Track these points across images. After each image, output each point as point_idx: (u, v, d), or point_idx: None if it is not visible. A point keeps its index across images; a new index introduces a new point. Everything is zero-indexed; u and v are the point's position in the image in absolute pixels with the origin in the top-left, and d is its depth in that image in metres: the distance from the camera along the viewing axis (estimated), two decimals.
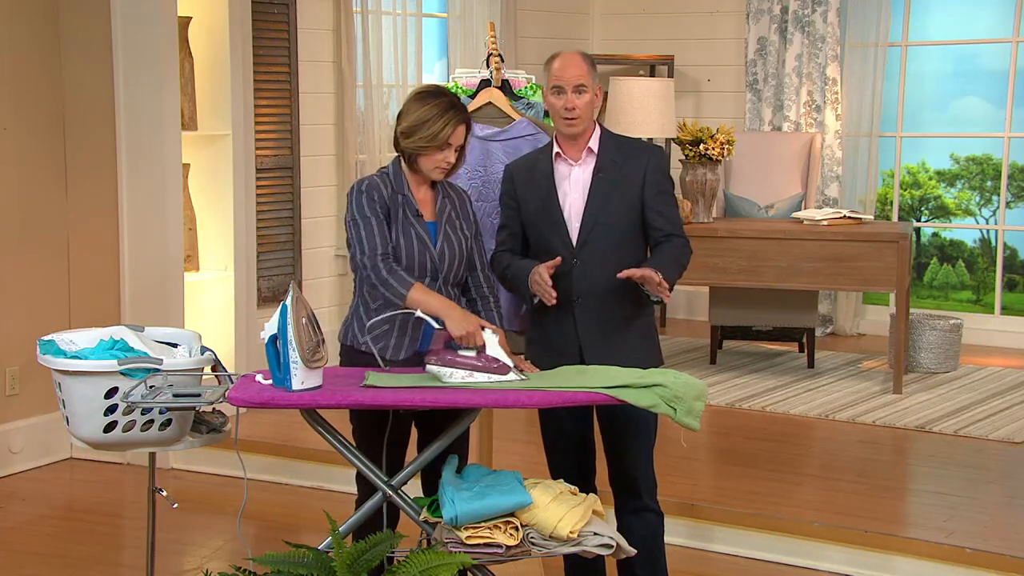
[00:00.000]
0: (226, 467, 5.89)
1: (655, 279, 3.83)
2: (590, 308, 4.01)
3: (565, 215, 4.03)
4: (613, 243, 4.00)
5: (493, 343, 3.71)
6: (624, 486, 4.09)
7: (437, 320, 3.74)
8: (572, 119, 3.97)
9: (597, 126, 4.09)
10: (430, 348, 3.72)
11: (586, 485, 4.04)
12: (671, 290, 3.93)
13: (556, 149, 4.08)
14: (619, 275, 3.88)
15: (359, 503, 4.02)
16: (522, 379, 3.71)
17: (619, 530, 4.06)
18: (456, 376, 3.66)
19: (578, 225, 4.01)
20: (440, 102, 3.85)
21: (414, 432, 4.05)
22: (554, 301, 3.94)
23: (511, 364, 3.70)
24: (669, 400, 3.64)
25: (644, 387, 3.65)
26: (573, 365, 3.94)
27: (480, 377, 3.66)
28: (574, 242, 4.01)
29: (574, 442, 4.15)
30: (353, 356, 3.95)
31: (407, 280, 3.80)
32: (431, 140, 3.82)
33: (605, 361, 3.92)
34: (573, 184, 4.05)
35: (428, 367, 3.68)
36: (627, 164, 4.03)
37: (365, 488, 3.98)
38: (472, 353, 3.69)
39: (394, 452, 3.93)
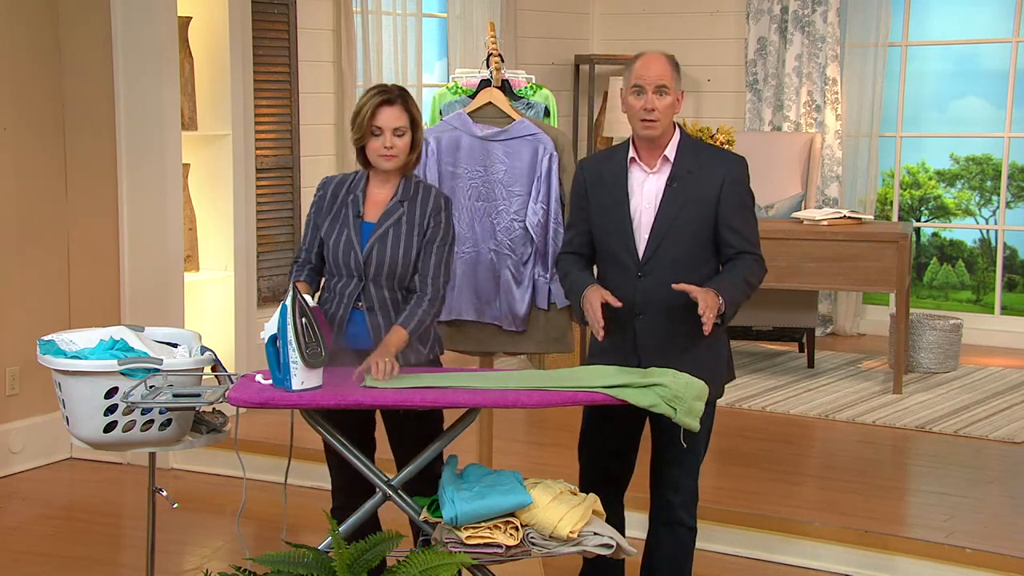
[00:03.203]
0: (226, 467, 5.89)
1: (706, 307, 3.67)
2: (652, 323, 3.85)
3: (634, 225, 3.86)
4: (681, 257, 3.83)
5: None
6: (663, 497, 3.99)
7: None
8: (650, 121, 3.80)
9: (677, 131, 3.91)
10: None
11: (617, 493, 4.02)
12: (733, 312, 3.79)
13: (631, 153, 3.90)
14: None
15: (333, 495, 4.05)
16: None
17: (648, 541, 4.04)
18: None
19: (646, 236, 3.85)
20: (371, 91, 3.88)
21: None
22: (602, 335, 3.82)
23: None
24: (669, 400, 3.63)
25: (644, 387, 3.64)
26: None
27: None
28: (640, 254, 3.86)
29: (614, 448, 4.02)
30: None
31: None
32: (360, 127, 3.84)
33: None
34: (646, 193, 3.87)
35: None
36: (703, 175, 3.85)
37: (338, 480, 4.02)
38: None
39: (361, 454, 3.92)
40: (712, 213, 3.85)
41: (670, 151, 3.88)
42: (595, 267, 4.05)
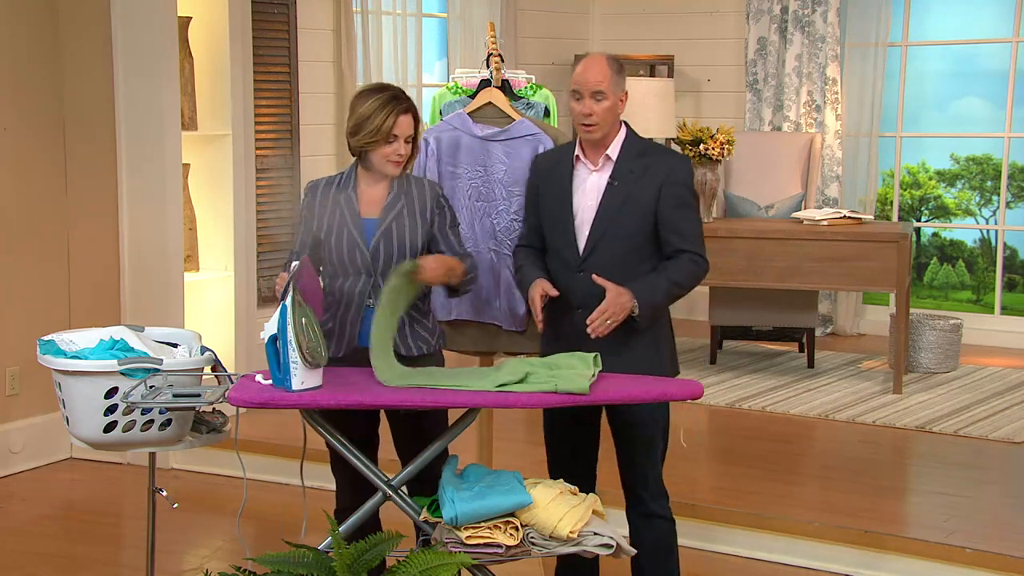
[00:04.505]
0: (226, 467, 5.89)
1: (602, 311, 3.78)
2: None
3: (576, 223, 3.96)
4: (621, 256, 3.91)
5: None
6: (632, 491, 4.05)
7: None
8: (589, 126, 3.89)
9: (623, 130, 3.99)
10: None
11: (585, 486, 4.04)
12: (650, 313, 3.85)
13: (577, 151, 4.00)
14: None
15: (338, 496, 4.08)
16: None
17: (630, 535, 4.05)
18: None
19: (587, 233, 3.94)
20: (381, 96, 3.85)
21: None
22: (542, 328, 3.93)
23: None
24: (544, 380, 3.63)
25: (519, 382, 3.64)
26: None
27: None
28: (580, 250, 3.94)
29: (572, 440, 4.12)
30: None
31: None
32: (376, 134, 3.83)
33: (610, 371, 3.85)
34: (588, 192, 3.96)
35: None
36: (645, 175, 3.92)
37: (342, 479, 4.04)
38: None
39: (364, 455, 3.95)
40: (651, 212, 3.92)
41: (613, 150, 3.96)
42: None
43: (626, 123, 4.02)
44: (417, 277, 3.79)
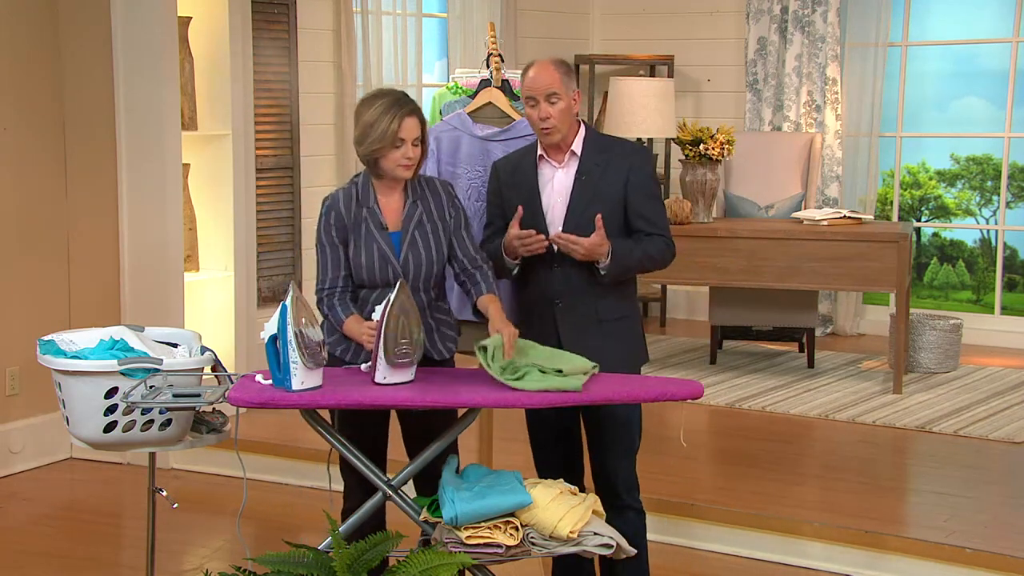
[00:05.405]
0: (226, 467, 5.89)
1: (581, 244, 3.88)
2: (570, 311, 4.02)
3: (547, 219, 4.03)
4: None
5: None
6: (604, 483, 4.09)
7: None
8: (547, 129, 3.97)
9: (582, 127, 4.08)
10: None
11: (571, 481, 4.05)
12: (617, 270, 3.95)
13: (540, 151, 4.08)
14: (597, 220, 3.91)
15: (346, 496, 4.07)
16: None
17: None
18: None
19: (560, 229, 4.01)
20: (383, 101, 3.83)
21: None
22: (544, 245, 3.95)
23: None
24: (538, 379, 3.65)
25: (518, 379, 3.67)
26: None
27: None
28: (555, 247, 4.00)
29: (556, 436, 4.17)
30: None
31: (340, 317, 3.89)
32: (382, 139, 3.80)
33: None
34: (556, 188, 4.05)
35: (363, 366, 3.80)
36: (610, 167, 4.02)
37: (351, 479, 4.02)
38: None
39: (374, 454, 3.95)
40: (620, 203, 4.03)
41: (577, 146, 4.05)
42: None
43: (583, 120, 4.10)
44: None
